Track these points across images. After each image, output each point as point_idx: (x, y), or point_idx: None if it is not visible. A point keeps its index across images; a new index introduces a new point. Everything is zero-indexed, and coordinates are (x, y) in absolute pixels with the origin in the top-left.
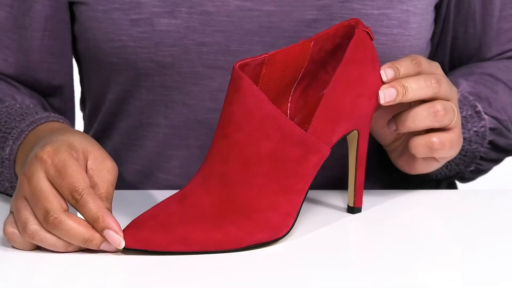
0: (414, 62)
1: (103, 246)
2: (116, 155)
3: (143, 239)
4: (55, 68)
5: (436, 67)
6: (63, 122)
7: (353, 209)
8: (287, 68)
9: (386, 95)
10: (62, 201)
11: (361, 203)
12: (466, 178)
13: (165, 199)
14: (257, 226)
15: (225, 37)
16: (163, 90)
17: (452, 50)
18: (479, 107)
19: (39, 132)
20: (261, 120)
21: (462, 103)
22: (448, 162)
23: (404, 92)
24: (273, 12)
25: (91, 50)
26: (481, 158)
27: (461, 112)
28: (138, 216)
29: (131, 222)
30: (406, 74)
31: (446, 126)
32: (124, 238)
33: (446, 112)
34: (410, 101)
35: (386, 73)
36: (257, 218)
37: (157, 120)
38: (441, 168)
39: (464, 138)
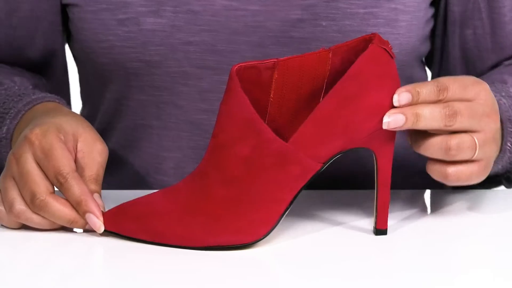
0: (438, 88)
1: (87, 226)
2: (114, 157)
3: (118, 224)
4: (46, 64)
5: (471, 92)
6: (59, 102)
7: (377, 231)
8: (304, 76)
9: (392, 122)
10: (48, 184)
11: (386, 226)
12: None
13: (155, 192)
14: (222, 228)
15: (212, 36)
16: (154, 90)
17: (465, 53)
18: None
19: (35, 112)
20: (241, 123)
21: None
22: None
23: (415, 121)
24: (258, 12)
25: (84, 51)
26: None
27: None
28: (124, 203)
29: (116, 207)
30: (424, 101)
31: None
32: (103, 222)
33: (460, 150)
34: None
35: (400, 97)
36: (224, 220)
37: (150, 122)
38: (496, 165)
39: None
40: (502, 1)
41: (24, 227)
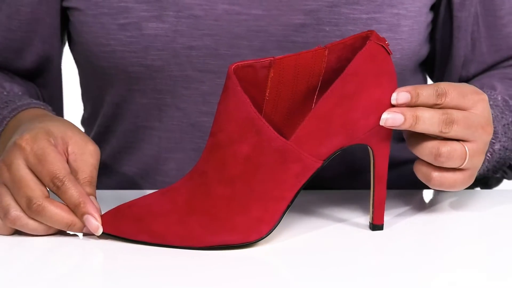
0: (438, 93)
1: (85, 230)
2: (114, 158)
3: (116, 226)
4: (42, 70)
5: (469, 101)
6: (44, 109)
7: (373, 226)
8: (299, 73)
9: (390, 119)
10: (43, 188)
11: (382, 221)
12: (489, 184)
13: (153, 192)
14: (223, 227)
15: (214, 40)
16: (156, 93)
17: (467, 61)
18: None
19: (21, 118)
20: (240, 122)
21: (503, 108)
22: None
23: (413, 123)
24: (260, 16)
25: (84, 54)
26: (509, 166)
27: (504, 118)
28: (122, 204)
29: (113, 209)
30: (423, 103)
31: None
32: (101, 224)
33: (449, 158)
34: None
35: (398, 96)
36: (225, 219)
37: (152, 124)
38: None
39: (506, 147)
40: (500, 4)
41: (18, 232)
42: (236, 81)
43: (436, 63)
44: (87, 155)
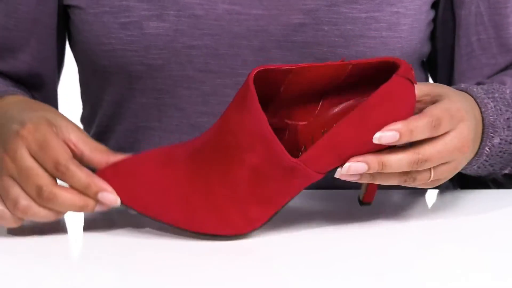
0: (433, 124)
1: (97, 208)
2: None
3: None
4: (37, 71)
5: (453, 124)
6: (23, 96)
7: (362, 203)
8: (317, 80)
9: (352, 168)
10: (50, 175)
11: (372, 199)
12: (500, 182)
13: (152, 153)
14: (215, 218)
15: (214, 40)
16: (155, 93)
17: (471, 60)
18: None
19: (3, 106)
20: (253, 134)
21: (510, 101)
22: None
23: (379, 169)
24: (260, 16)
25: (84, 53)
26: None
27: (509, 111)
28: (122, 162)
29: (112, 168)
30: (417, 138)
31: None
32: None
33: (415, 182)
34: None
35: (382, 137)
36: (218, 211)
37: (151, 124)
38: (471, 166)
39: (506, 140)
40: (505, 1)
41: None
42: (255, 95)
43: (439, 62)
44: (87, 137)
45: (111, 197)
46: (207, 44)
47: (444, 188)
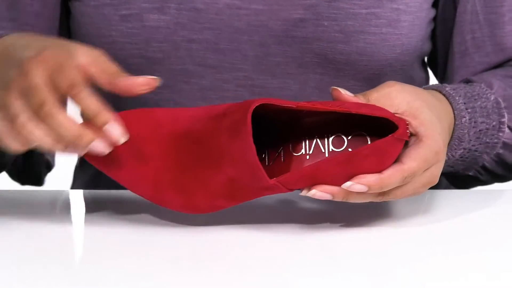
0: (406, 180)
1: (92, 145)
2: None
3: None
4: None
5: (432, 168)
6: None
7: None
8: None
9: (352, 187)
10: (60, 97)
11: None
12: (460, 181)
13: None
14: (181, 201)
15: (214, 34)
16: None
17: (465, 59)
18: (505, 119)
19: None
20: (240, 159)
21: (492, 109)
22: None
23: (344, 200)
24: (261, 11)
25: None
26: (483, 167)
27: (485, 122)
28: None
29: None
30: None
31: None
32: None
33: (387, 198)
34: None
35: (351, 187)
36: (185, 194)
37: None
38: None
39: (476, 149)
40: (500, 0)
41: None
42: (250, 131)
43: (439, 61)
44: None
45: (117, 132)
46: (207, 38)
47: (444, 188)
